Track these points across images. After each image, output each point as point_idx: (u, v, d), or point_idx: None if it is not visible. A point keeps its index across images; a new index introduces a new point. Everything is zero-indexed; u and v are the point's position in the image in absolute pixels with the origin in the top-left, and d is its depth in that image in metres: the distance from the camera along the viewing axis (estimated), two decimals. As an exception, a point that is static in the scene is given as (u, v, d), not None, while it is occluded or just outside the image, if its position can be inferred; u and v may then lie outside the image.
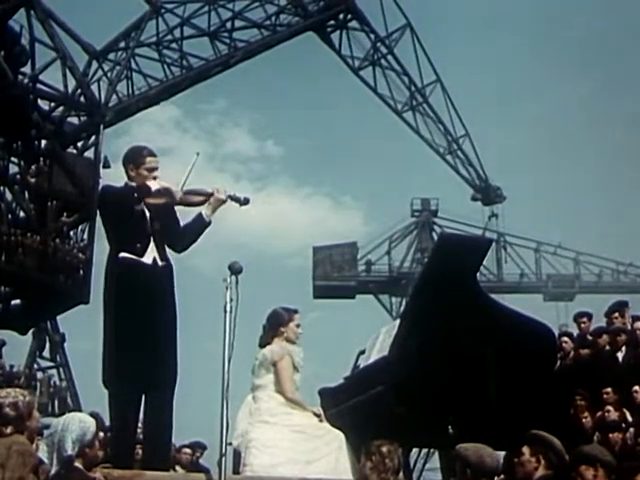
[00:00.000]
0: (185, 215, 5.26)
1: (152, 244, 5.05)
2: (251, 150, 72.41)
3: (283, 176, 75.47)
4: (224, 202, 5.13)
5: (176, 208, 5.16)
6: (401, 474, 5.07)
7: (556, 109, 56.68)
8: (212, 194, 5.10)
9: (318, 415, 5.41)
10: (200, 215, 5.13)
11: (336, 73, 33.93)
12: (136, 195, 5.02)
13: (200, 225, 5.15)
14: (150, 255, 5.03)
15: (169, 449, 5.64)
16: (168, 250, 5.18)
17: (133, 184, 5.11)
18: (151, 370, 4.93)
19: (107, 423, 8.04)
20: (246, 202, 5.18)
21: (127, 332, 4.91)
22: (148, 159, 5.11)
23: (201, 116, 74.56)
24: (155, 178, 5.09)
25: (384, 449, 4.96)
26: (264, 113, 69.28)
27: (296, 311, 5.64)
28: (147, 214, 5.03)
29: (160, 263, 5.06)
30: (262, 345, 5.56)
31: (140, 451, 5.35)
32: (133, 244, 5.00)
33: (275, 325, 5.54)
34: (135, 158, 5.13)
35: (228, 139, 72.24)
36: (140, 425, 5.27)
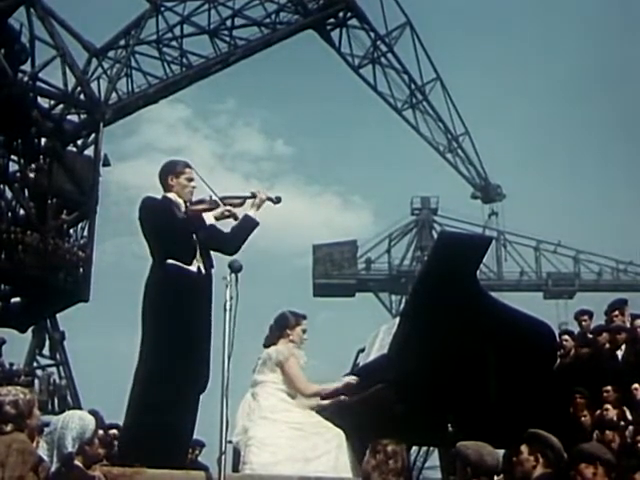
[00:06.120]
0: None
1: (197, 253, 5.26)
2: (261, 149, 72.26)
3: (293, 175, 75.61)
4: (264, 201, 5.49)
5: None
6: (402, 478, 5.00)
7: (557, 108, 56.67)
8: (250, 196, 5.47)
9: (353, 382, 5.59)
10: (247, 216, 5.43)
11: (338, 71, 33.84)
12: (183, 207, 5.33)
13: (250, 225, 5.45)
14: (195, 264, 5.25)
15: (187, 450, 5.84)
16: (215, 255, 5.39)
17: (170, 195, 5.37)
18: (185, 374, 5.07)
19: (107, 421, 8.09)
20: (278, 201, 5.58)
21: (169, 336, 5.07)
22: (187, 170, 5.46)
23: (211, 116, 75.07)
24: (194, 187, 5.43)
25: (389, 449, 4.90)
26: (274, 113, 69.17)
27: (304, 317, 5.73)
28: (192, 224, 5.27)
29: (204, 272, 5.27)
30: (267, 345, 5.61)
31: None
32: (180, 253, 5.21)
33: (282, 327, 5.62)
34: (174, 169, 5.47)
35: (238, 139, 72.15)
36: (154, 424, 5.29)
